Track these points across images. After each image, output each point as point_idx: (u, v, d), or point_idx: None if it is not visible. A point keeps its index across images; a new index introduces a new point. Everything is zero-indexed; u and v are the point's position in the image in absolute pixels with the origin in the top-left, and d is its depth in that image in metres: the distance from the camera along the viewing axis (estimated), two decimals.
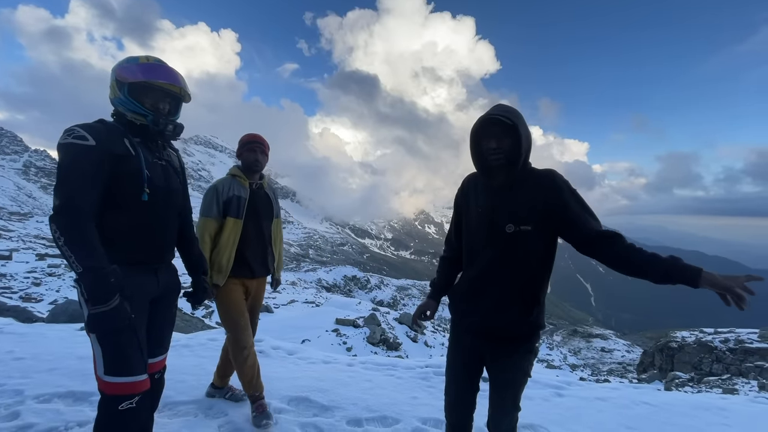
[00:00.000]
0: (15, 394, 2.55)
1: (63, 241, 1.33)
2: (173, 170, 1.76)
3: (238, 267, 2.43)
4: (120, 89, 1.56)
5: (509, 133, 1.47)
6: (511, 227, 1.49)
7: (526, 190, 1.51)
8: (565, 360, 28.59)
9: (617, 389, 3.77)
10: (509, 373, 1.60)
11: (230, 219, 2.41)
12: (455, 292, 1.73)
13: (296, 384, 3.04)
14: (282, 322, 14.94)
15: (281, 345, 4.16)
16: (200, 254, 1.97)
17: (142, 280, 1.59)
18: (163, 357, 1.77)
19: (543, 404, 3.16)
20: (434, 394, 3.14)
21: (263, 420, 2.36)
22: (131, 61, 1.59)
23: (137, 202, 1.54)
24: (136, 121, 1.59)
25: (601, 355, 30.39)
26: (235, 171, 2.54)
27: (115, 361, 1.44)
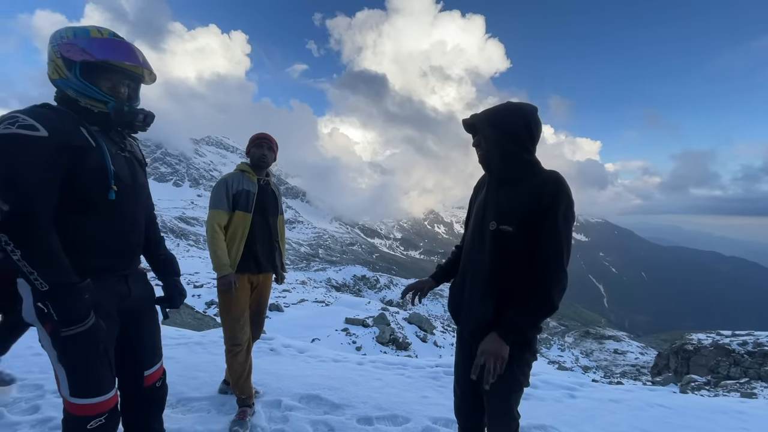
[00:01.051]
0: (35, 388, 2.63)
1: (20, 255, 1.13)
2: (137, 162, 1.55)
3: (245, 261, 2.45)
4: (69, 69, 1.28)
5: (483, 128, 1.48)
6: (493, 224, 1.46)
7: (517, 190, 1.46)
8: (577, 362, 28.24)
9: (631, 391, 3.70)
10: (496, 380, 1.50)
11: (239, 212, 2.44)
12: (452, 285, 1.74)
13: (307, 382, 3.06)
14: (292, 321, 15.05)
15: (292, 343, 4.19)
16: (169, 255, 1.76)
17: (111, 290, 1.40)
18: (160, 364, 1.65)
19: (555, 405, 3.13)
20: (445, 394, 3.12)
21: (235, 426, 2.29)
22: (80, 33, 1.30)
23: (103, 201, 1.33)
24: (93, 108, 1.33)
25: (614, 357, 29.92)
26: (243, 167, 2.58)
27: (83, 383, 1.29)
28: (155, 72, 1.48)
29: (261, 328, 2.73)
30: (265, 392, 2.79)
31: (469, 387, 1.67)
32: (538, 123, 1.47)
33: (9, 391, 2.50)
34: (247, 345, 2.50)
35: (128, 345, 1.50)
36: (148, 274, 1.70)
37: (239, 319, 2.45)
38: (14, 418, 2.27)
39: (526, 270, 1.44)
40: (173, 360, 3.22)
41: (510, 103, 1.49)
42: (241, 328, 2.46)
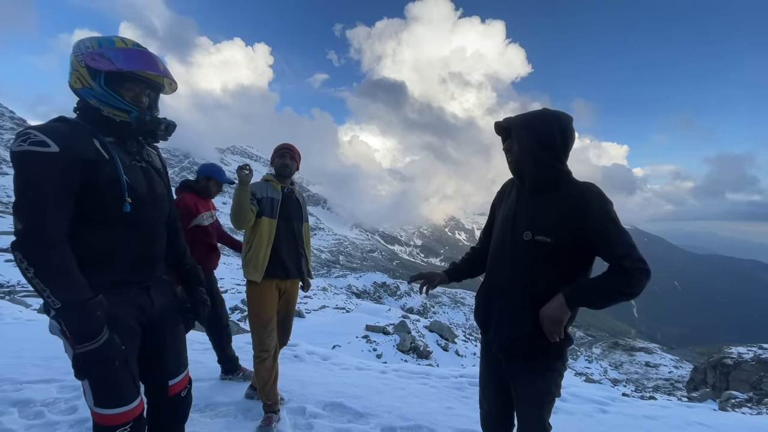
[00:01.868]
0: (72, 389, 2.75)
1: (33, 273, 1.13)
2: (155, 172, 1.52)
3: (272, 266, 2.50)
4: (94, 78, 1.29)
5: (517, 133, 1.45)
6: (528, 234, 1.43)
7: (554, 200, 1.43)
8: (606, 374, 27.10)
9: (667, 407, 3.52)
10: (527, 390, 1.51)
11: (265, 218, 2.52)
12: (477, 295, 1.69)
13: (331, 389, 3.06)
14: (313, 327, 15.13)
15: (315, 350, 4.22)
16: (194, 264, 1.75)
17: (131, 302, 1.39)
18: (186, 373, 1.63)
19: (586, 420, 3.01)
20: (470, 405, 3.06)
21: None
22: (105, 43, 1.32)
23: (118, 214, 1.31)
24: (114, 117, 1.34)
25: (645, 370, 28.56)
26: (268, 176, 2.69)
27: (106, 394, 1.30)
28: (176, 81, 1.49)
29: (288, 335, 2.76)
30: (290, 399, 2.82)
31: (496, 399, 1.64)
32: (573, 133, 1.44)
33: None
34: (275, 351, 2.54)
35: (152, 355, 1.51)
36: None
37: (267, 326, 2.49)
38: (54, 417, 2.38)
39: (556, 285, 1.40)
40: (201, 365, 3.30)
41: (547, 110, 1.46)
42: (269, 335, 2.50)
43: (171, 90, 1.52)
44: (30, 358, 3.23)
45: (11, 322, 4.50)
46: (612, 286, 1.32)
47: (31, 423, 2.31)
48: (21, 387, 2.73)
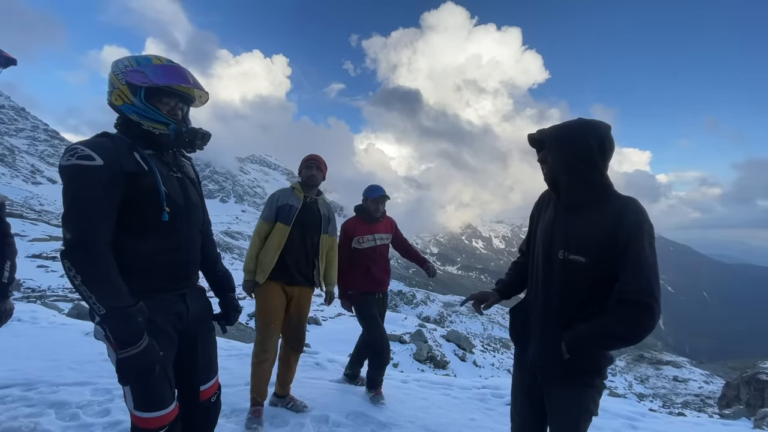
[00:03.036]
0: (105, 392, 2.84)
1: (80, 280, 1.19)
2: (190, 182, 1.59)
3: (278, 270, 2.59)
4: (134, 94, 1.36)
5: (550, 148, 1.41)
6: (562, 253, 1.37)
7: (591, 217, 1.36)
8: (631, 388, 26.05)
9: (701, 425, 3.38)
10: (563, 406, 1.46)
11: (279, 224, 2.62)
12: (513, 311, 1.66)
13: (353, 399, 3.07)
14: (330, 335, 15.16)
15: (336, 358, 4.23)
16: (226, 271, 1.80)
17: (168, 309, 1.44)
18: (216, 379, 1.67)
19: None
20: (493, 417, 3.01)
21: (254, 424, 2.49)
22: (143, 61, 1.39)
23: (156, 223, 1.38)
24: (154, 130, 1.41)
25: (673, 384, 27.32)
26: (295, 185, 2.79)
27: (146, 398, 1.36)
28: (207, 93, 1.54)
29: (302, 341, 2.79)
30: (313, 407, 2.83)
31: (529, 413, 1.61)
32: (612, 142, 1.36)
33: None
34: (274, 355, 2.64)
35: (186, 361, 1.55)
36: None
37: (269, 325, 2.58)
38: (88, 419, 2.47)
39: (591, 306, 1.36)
40: (226, 371, 3.35)
41: (582, 120, 1.41)
42: (270, 335, 2.58)
43: (201, 102, 1.58)
44: (65, 361, 3.36)
45: (47, 326, 4.69)
46: (608, 332, 1.27)
47: (67, 425, 2.39)
48: (57, 389, 2.84)
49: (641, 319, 1.23)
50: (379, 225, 3.23)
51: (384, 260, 3.24)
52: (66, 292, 14.43)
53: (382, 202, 3.19)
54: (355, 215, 3.29)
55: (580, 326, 1.34)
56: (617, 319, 1.26)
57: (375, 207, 3.17)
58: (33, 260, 19.34)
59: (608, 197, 1.37)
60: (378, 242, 3.19)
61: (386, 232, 3.27)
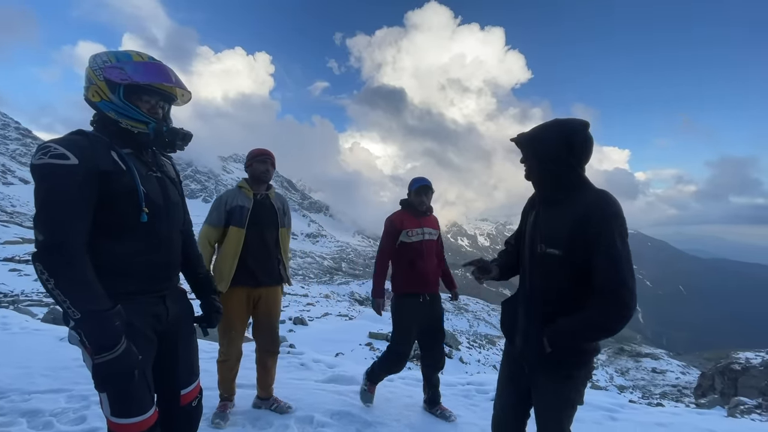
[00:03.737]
0: (81, 399, 2.75)
1: (54, 284, 1.13)
2: (170, 182, 1.55)
3: (241, 275, 2.50)
4: (113, 91, 1.32)
5: (528, 150, 1.49)
6: (542, 247, 1.44)
7: (563, 211, 1.41)
8: (612, 380, 26.76)
9: (678, 414, 3.49)
10: (548, 398, 1.52)
11: (233, 228, 2.51)
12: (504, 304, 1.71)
13: (338, 398, 3.05)
14: (316, 335, 15.08)
15: (322, 358, 4.20)
16: (207, 273, 1.78)
17: (147, 311, 1.40)
18: (197, 382, 1.63)
19: (595, 428, 2.98)
20: (477, 413, 3.04)
21: (217, 419, 2.51)
22: (123, 57, 1.34)
23: (135, 224, 1.34)
24: (133, 129, 1.36)
25: (652, 376, 28.21)
26: (241, 183, 2.68)
27: (123, 403, 1.31)
28: (190, 92, 1.50)
29: (276, 342, 2.73)
30: (298, 407, 2.81)
31: (515, 404, 1.66)
32: (584, 140, 1.39)
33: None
34: (237, 356, 2.63)
35: (166, 364, 1.52)
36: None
37: (230, 332, 2.54)
38: (63, 428, 2.38)
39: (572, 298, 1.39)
40: (208, 373, 3.28)
41: (556, 120, 1.46)
42: (231, 342, 2.56)
43: (183, 101, 1.54)
44: (38, 368, 3.24)
45: (18, 332, 4.51)
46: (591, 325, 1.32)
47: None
48: (29, 397, 2.74)
49: (616, 310, 1.27)
50: (427, 219, 2.98)
51: (432, 257, 2.94)
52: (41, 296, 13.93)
53: (425, 193, 2.91)
54: (401, 209, 3.01)
55: (561, 320, 1.38)
56: (594, 312, 1.31)
57: (419, 200, 2.91)
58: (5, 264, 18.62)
59: (583, 193, 1.41)
60: (427, 236, 2.92)
61: (434, 227, 3.01)
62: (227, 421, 2.53)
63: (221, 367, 2.62)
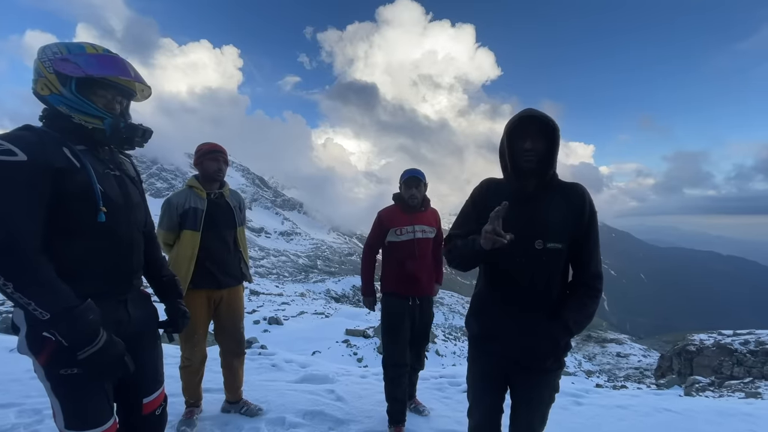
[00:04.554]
0: (34, 413, 2.58)
1: (12, 288, 1.08)
2: (130, 180, 1.48)
3: (201, 278, 2.40)
4: (64, 85, 1.24)
5: (546, 135, 1.39)
6: (540, 243, 1.39)
7: (557, 203, 1.41)
8: (580, 366, 27.98)
9: (637, 396, 3.68)
10: (540, 391, 1.52)
11: (187, 231, 2.39)
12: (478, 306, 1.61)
13: (310, 398, 3.02)
14: (292, 334, 14.89)
15: (294, 358, 4.14)
16: (171, 276, 1.70)
17: (107, 316, 1.32)
18: (161, 389, 1.57)
19: (562, 413, 3.09)
20: (450, 406, 3.09)
21: (183, 426, 2.43)
22: (75, 49, 1.27)
23: (92, 224, 1.27)
24: (87, 124, 1.29)
25: (616, 360, 29.70)
26: (192, 182, 2.51)
27: (79, 415, 1.25)
28: (150, 87, 1.44)
29: (242, 344, 2.66)
30: (269, 409, 2.75)
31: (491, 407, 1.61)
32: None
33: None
34: (200, 359, 2.56)
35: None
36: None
37: (192, 336, 2.46)
38: None
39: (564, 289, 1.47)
40: (175, 379, 3.17)
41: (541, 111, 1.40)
42: (194, 346, 2.49)
43: (143, 96, 1.47)
44: None
45: None
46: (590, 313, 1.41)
47: None
48: None
49: (600, 293, 1.42)
50: (420, 215, 2.70)
51: (426, 257, 2.69)
52: None
53: (416, 186, 2.64)
54: (393, 204, 2.78)
55: (565, 313, 1.40)
56: (587, 299, 1.41)
57: (408, 193, 2.64)
58: None
59: (561, 184, 1.47)
60: (419, 234, 2.64)
61: (429, 224, 2.72)
62: (194, 428, 2.45)
63: (184, 372, 2.53)
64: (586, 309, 1.41)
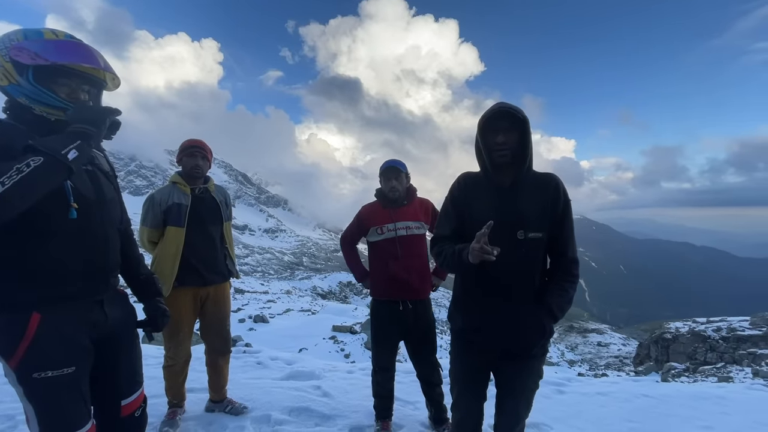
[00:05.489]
0: (7, 419, 2.49)
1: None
2: (103, 175, 1.42)
3: (186, 276, 2.36)
4: (21, 74, 1.18)
5: (517, 128, 1.43)
6: (522, 234, 1.43)
7: (533, 194, 1.46)
8: (563, 356, 28.74)
9: (617, 383, 3.79)
10: (525, 378, 1.55)
11: (171, 228, 2.35)
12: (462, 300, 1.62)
13: (296, 394, 3.00)
14: (278, 332, 14.80)
15: (279, 355, 4.11)
16: (150, 274, 1.66)
17: (82, 317, 1.29)
18: (140, 391, 1.53)
19: (545, 402, 3.16)
20: None
21: (166, 427, 2.40)
22: (32, 35, 1.20)
23: (63, 221, 1.21)
24: (49, 116, 1.24)
25: (597, 349, 30.62)
26: (175, 178, 2.48)
27: (53, 420, 1.21)
28: (119, 76, 1.37)
29: (227, 342, 2.62)
30: (254, 407, 2.72)
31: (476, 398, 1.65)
32: None
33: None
34: (184, 359, 2.51)
35: (105, 373, 1.41)
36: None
37: (177, 335, 2.42)
38: None
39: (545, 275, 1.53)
40: (157, 380, 3.11)
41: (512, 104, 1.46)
42: (178, 344, 2.44)
43: (114, 86, 1.41)
44: None
45: None
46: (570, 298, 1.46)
47: None
48: None
49: (577, 278, 1.50)
50: (403, 210, 2.46)
51: (413, 256, 2.44)
52: None
53: (395, 176, 2.43)
54: (375, 200, 2.59)
55: (549, 299, 1.45)
56: (567, 283, 1.47)
57: (388, 186, 2.45)
58: None
59: (535, 175, 1.52)
60: (402, 232, 2.42)
61: (414, 219, 2.46)
62: (177, 428, 2.41)
63: (168, 372, 2.48)
64: (567, 294, 1.47)
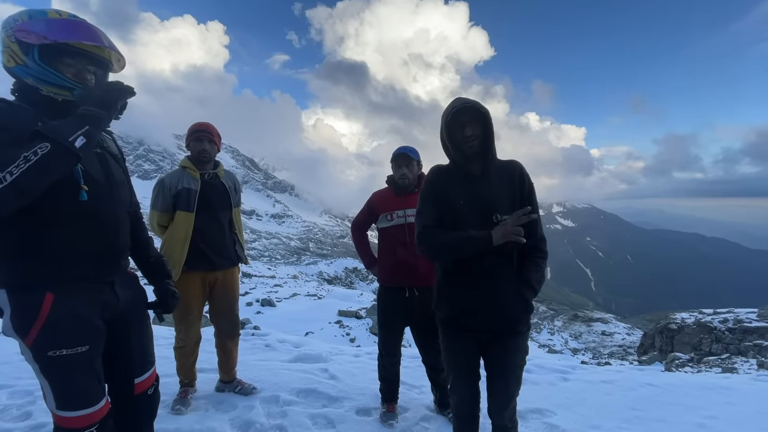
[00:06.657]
0: (26, 394, 2.58)
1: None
2: (112, 158, 1.43)
3: (195, 260, 2.38)
4: (27, 54, 1.17)
5: (479, 120, 1.56)
6: (497, 217, 1.55)
7: (502, 179, 1.61)
8: (567, 345, 28.88)
9: (621, 372, 3.81)
10: (513, 356, 1.64)
11: (181, 213, 2.36)
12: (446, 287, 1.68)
13: (304, 376, 3.06)
14: (285, 316, 15.03)
15: (287, 338, 4.18)
16: (159, 256, 1.68)
17: (94, 299, 1.31)
18: (152, 370, 1.56)
19: (549, 389, 3.20)
20: None
21: (178, 405, 2.46)
22: (36, 15, 1.20)
23: (74, 204, 1.23)
24: (56, 96, 1.23)
25: (601, 338, 30.71)
26: (185, 162, 2.49)
27: (69, 396, 1.24)
28: (124, 57, 1.37)
29: (236, 326, 2.66)
30: (263, 388, 2.79)
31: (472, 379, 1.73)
32: None
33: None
34: (194, 340, 2.57)
35: (117, 353, 1.44)
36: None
37: (186, 317, 2.46)
38: (6, 425, 2.23)
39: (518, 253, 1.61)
40: (168, 360, 3.19)
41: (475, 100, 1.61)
42: (188, 327, 2.49)
43: (119, 67, 1.40)
44: None
45: None
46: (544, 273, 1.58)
47: None
48: None
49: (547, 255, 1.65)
50: (413, 197, 2.41)
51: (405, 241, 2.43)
52: None
53: (406, 163, 2.39)
54: (387, 186, 2.57)
55: (526, 275, 1.56)
56: (542, 260, 1.62)
57: (398, 172, 2.41)
58: None
59: (501, 163, 1.67)
60: (410, 219, 2.38)
61: None
62: (189, 407, 2.47)
63: (179, 353, 2.54)
64: (541, 270, 1.60)
